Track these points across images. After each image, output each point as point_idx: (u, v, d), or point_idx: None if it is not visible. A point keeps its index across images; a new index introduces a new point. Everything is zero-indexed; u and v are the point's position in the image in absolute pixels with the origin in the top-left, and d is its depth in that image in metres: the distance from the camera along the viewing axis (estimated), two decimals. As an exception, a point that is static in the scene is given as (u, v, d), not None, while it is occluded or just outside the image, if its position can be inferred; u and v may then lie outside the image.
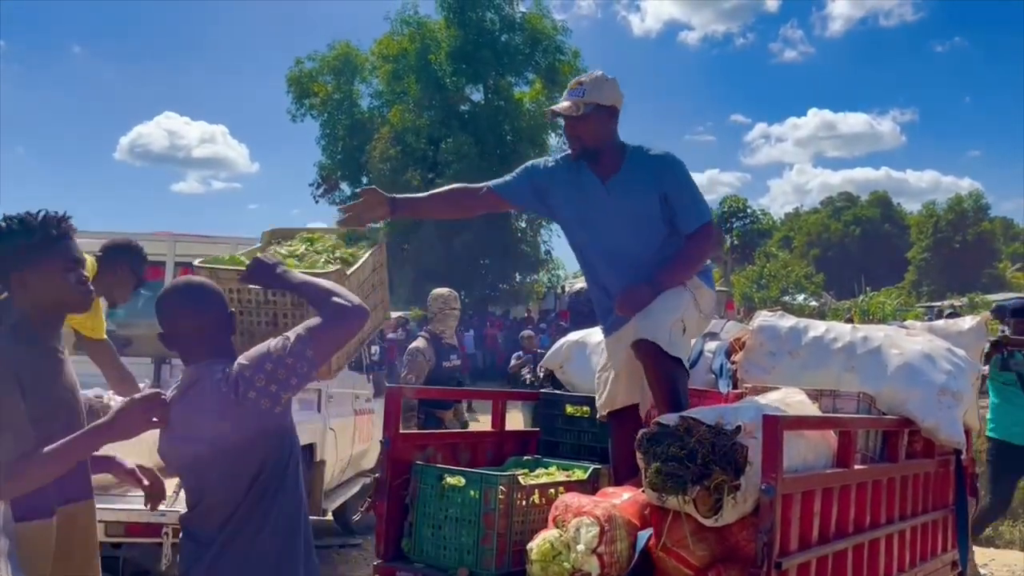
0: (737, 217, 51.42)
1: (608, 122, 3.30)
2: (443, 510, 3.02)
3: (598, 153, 3.30)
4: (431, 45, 25.91)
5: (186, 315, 2.17)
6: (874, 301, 26.98)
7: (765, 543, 2.43)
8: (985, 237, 49.53)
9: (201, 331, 2.16)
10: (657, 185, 3.27)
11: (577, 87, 3.30)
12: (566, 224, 3.47)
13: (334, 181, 28.66)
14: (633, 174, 3.29)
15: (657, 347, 3.11)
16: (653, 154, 3.34)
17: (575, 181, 3.36)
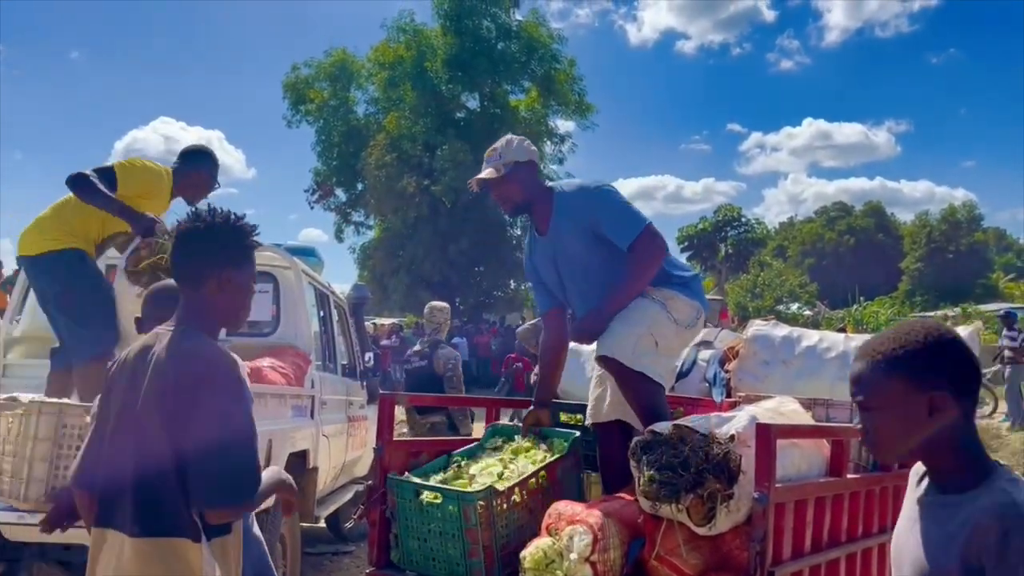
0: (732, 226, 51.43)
1: (530, 175, 3.44)
2: (425, 524, 3.02)
3: (530, 206, 3.47)
4: (427, 52, 25.94)
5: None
6: (868, 311, 27.03)
7: (758, 552, 2.43)
8: (978, 247, 49.74)
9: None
10: (585, 217, 3.33)
11: (492, 154, 3.48)
12: (550, 284, 3.57)
13: (329, 187, 28.64)
14: (562, 219, 3.40)
15: (619, 363, 3.13)
16: (572, 192, 3.42)
17: (536, 247, 3.56)
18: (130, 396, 2.00)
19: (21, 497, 3.35)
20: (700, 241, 52.37)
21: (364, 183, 26.90)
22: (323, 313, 6.07)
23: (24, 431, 3.32)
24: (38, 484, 3.38)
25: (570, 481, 3.30)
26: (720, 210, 52.68)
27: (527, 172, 3.43)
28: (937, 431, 1.46)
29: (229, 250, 2.08)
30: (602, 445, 3.49)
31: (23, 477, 3.34)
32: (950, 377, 1.46)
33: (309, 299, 5.61)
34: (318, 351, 5.67)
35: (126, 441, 1.99)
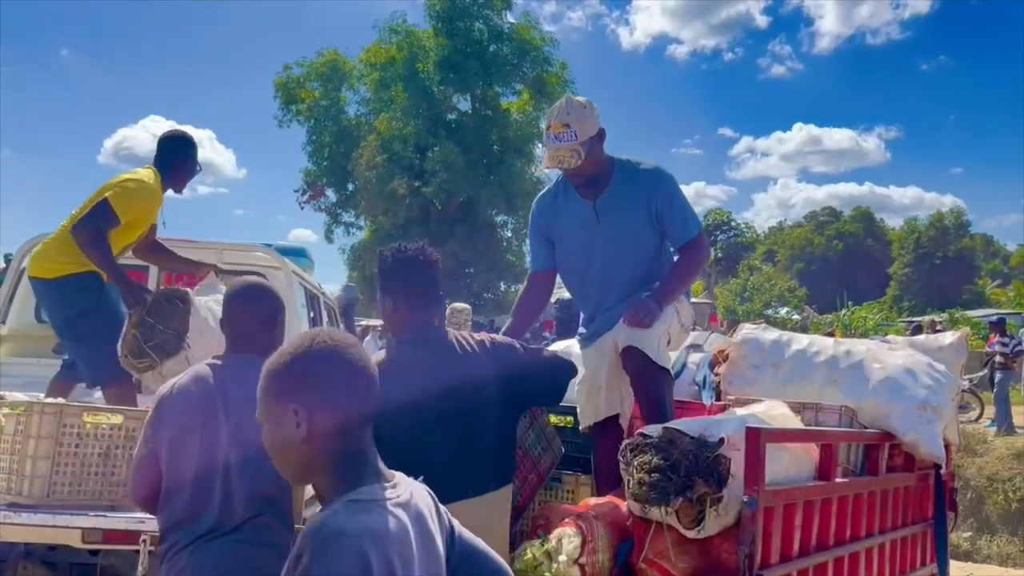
0: (721, 230, 51.70)
1: (600, 148, 3.27)
2: None
3: (597, 177, 3.30)
4: (419, 54, 25.93)
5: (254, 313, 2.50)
6: (856, 315, 27.17)
7: (746, 555, 2.44)
8: (966, 253, 50.05)
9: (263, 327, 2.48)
10: (646, 200, 3.28)
11: (564, 131, 3.19)
12: (562, 251, 3.45)
13: (320, 188, 28.59)
14: (621, 191, 3.29)
15: (647, 357, 3.12)
16: (642, 168, 3.33)
17: (566, 208, 3.38)
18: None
19: (24, 494, 3.37)
20: (690, 245, 52.51)
21: (355, 184, 26.86)
22: (313, 314, 6.05)
23: (26, 429, 3.34)
24: (40, 481, 3.39)
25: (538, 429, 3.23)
26: (710, 214, 52.93)
27: (598, 144, 3.25)
28: (312, 448, 1.40)
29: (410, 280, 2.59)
30: (597, 446, 3.44)
31: (26, 474, 3.36)
32: (308, 390, 1.40)
33: (299, 300, 5.59)
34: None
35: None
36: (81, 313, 3.94)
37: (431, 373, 2.39)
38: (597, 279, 3.39)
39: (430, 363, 2.41)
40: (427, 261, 2.58)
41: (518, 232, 26.90)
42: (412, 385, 2.33)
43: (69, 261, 3.91)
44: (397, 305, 2.54)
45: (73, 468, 3.47)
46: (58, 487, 3.45)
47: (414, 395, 2.32)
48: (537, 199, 3.61)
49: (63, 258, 3.93)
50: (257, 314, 2.49)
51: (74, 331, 3.98)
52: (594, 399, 3.42)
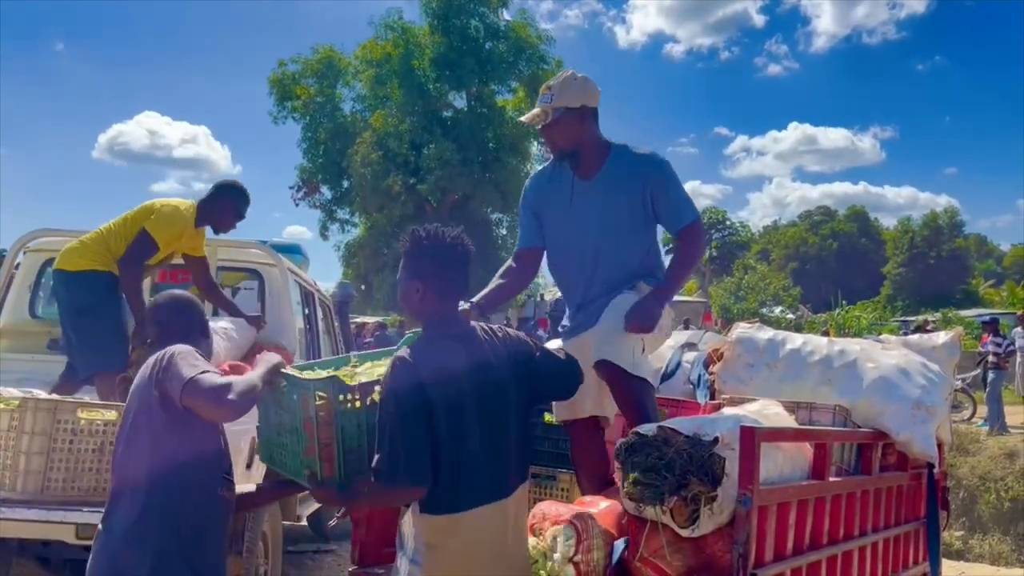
0: (716, 229, 51.72)
1: (580, 123, 3.25)
2: (279, 415, 2.69)
3: (577, 154, 3.29)
4: (415, 51, 25.90)
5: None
6: (850, 315, 27.22)
7: (740, 554, 2.44)
8: (959, 253, 50.17)
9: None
10: (642, 184, 3.25)
11: (546, 92, 3.28)
12: (553, 228, 3.42)
13: (315, 184, 28.53)
14: (617, 173, 3.27)
15: (621, 370, 3.06)
16: (638, 153, 3.31)
17: (559, 185, 3.36)
18: None
19: (18, 490, 3.37)
20: (685, 243, 52.55)
21: (350, 181, 26.84)
22: (308, 311, 6.04)
23: (20, 425, 3.34)
24: (34, 477, 3.39)
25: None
26: (705, 213, 52.93)
27: (577, 119, 3.24)
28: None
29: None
30: (577, 445, 3.41)
31: (19, 470, 3.36)
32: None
33: (294, 297, 5.59)
34: (303, 349, 5.65)
35: None
36: (89, 306, 4.26)
37: (469, 370, 2.33)
38: (585, 260, 3.34)
39: (467, 360, 2.34)
40: (467, 251, 2.47)
41: (513, 230, 26.88)
42: (455, 383, 2.28)
43: (95, 260, 4.31)
44: (427, 292, 2.41)
45: (67, 464, 3.47)
46: (52, 483, 3.45)
47: (458, 393, 2.28)
48: (532, 175, 3.60)
49: (91, 255, 4.32)
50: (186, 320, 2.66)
51: (77, 321, 4.28)
52: (579, 395, 3.35)
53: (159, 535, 2.32)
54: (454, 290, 2.44)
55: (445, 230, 2.44)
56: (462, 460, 2.28)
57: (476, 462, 2.30)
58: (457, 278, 2.45)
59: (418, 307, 2.42)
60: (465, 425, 2.29)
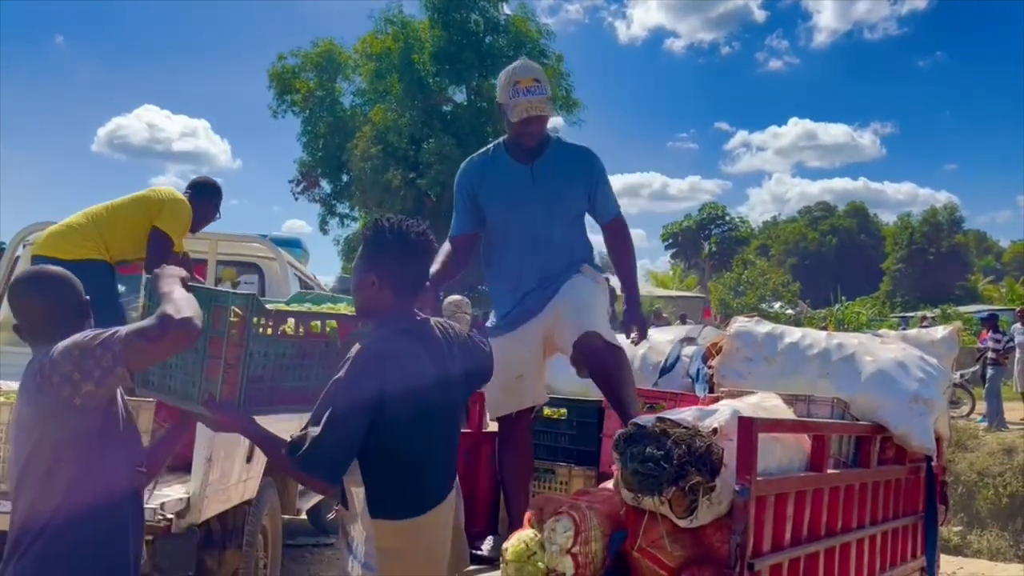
0: (716, 224, 51.73)
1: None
2: None
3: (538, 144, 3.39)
4: (415, 45, 25.82)
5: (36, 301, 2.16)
6: (849, 310, 27.23)
7: (738, 544, 2.46)
8: (959, 249, 50.18)
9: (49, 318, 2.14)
10: (584, 174, 3.41)
11: (535, 85, 3.31)
12: (492, 214, 3.42)
13: (314, 178, 28.49)
14: (558, 160, 3.39)
15: (604, 339, 3.19)
16: (577, 146, 3.49)
17: (499, 170, 3.41)
18: None
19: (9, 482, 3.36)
20: (684, 238, 52.60)
21: (349, 175, 26.77)
22: (307, 304, 6.04)
23: None
24: None
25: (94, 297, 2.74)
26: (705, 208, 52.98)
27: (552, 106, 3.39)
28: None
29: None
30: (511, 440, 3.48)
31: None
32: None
33: (294, 290, 5.58)
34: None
35: None
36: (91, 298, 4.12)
37: (429, 367, 2.23)
38: (525, 244, 3.37)
39: (426, 356, 2.25)
40: (430, 246, 2.33)
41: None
42: (415, 379, 2.18)
43: (93, 248, 4.16)
44: (383, 285, 2.23)
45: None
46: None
47: (416, 392, 2.17)
48: (466, 161, 3.60)
49: (88, 243, 4.16)
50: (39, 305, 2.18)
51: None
52: (514, 390, 3.39)
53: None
54: (412, 285, 2.29)
55: (410, 223, 2.30)
56: (419, 461, 2.20)
57: (432, 461, 2.24)
58: (417, 273, 2.30)
59: (372, 299, 2.27)
60: (422, 424, 2.19)
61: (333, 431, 2.04)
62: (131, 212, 4.33)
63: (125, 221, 4.29)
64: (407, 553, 2.16)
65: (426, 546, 2.20)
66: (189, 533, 3.46)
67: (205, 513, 3.57)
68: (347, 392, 2.07)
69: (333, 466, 2.09)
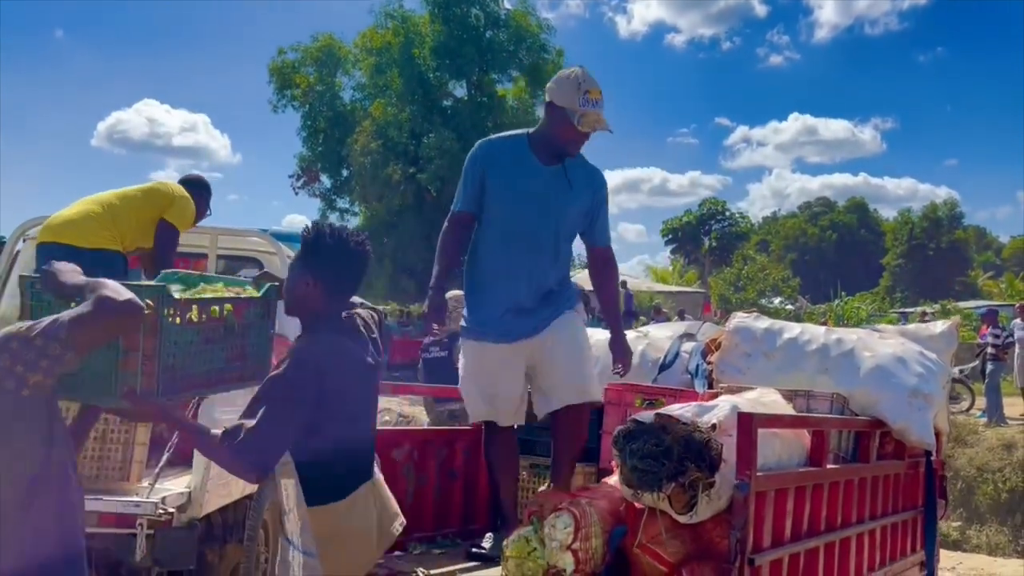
0: (716, 220, 51.66)
1: None
2: None
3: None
4: (415, 39, 25.77)
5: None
6: (849, 306, 27.23)
7: (738, 539, 2.46)
8: (959, 245, 50.14)
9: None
10: (595, 192, 3.42)
11: (601, 99, 3.29)
12: (500, 208, 3.36)
13: (314, 173, 28.46)
14: (575, 171, 3.38)
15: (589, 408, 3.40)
16: (589, 164, 3.47)
17: (521, 166, 3.36)
18: None
19: None
20: (684, 234, 52.52)
21: (349, 170, 26.74)
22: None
23: None
24: None
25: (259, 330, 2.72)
26: (705, 203, 52.88)
27: None
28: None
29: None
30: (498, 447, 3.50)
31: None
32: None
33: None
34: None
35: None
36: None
37: (357, 363, 2.40)
38: (529, 248, 3.33)
39: (354, 353, 2.40)
40: (368, 258, 2.45)
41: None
42: (348, 376, 2.35)
43: (109, 238, 4.07)
44: (317, 286, 2.36)
45: (68, 451, 3.47)
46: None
47: (348, 384, 2.34)
48: (487, 141, 3.52)
49: (105, 232, 4.08)
50: None
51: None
52: (491, 400, 3.41)
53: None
54: (345, 292, 2.44)
55: (350, 232, 2.42)
56: (349, 448, 2.34)
57: (359, 446, 2.39)
58: (351, 279, 2.44)
59: (304, 299, 2.37)
60: (352, 415, 2.36)
61: (268, 425, 2.16)
62: (141, 203, 4.29)
63: (136, 212, 4.25)
64: (342, 532, 2.29)
65: (358, 523, 2.34)
66: (190, 527, 3.48)
67: (206, 507, 3.59)
68: (284, 389, 2.21)
69: (264, 457, 2.20)
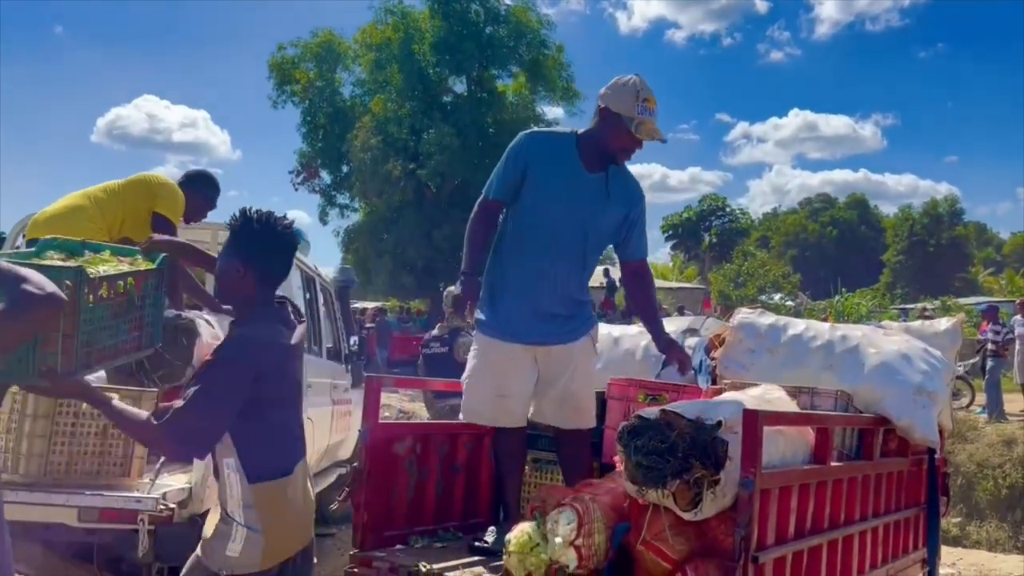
0: (716, 216, 51.67)
1: None
2: None
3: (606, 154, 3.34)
4: (415, 35, 25.72)
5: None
6: (849, 302, 27.22)
7: (743, 537, 2.45)
8: (959, 241, 50.15)
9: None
10: (630, 204, 3.39)
11: (656, 109, 3.29)
12: (540, 208, 3.30)
13: (314, 169, 28.42)
14: (616, 181, 3.35)
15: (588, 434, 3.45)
16: (631, 175, 3.45)
17: (565, 167, 3.31)
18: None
19: (20, 473, 3.37)
20: (684, 230, 52.52)
21: (349, 166, 26.70)
22: (309, 295, 6.03)
23: (22, 408, 3.34)
24: (37, 460, 3.39)
25: (154, 301, 2.86)
26: (705, 199, 52.89)
27: None
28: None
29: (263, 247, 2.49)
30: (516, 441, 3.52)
31: (22, 453, 3.36)
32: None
33: (295, 281, 5.57)
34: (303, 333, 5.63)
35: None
36: None
37: (289, 348, 2.41)
38: (562, 253, 3.30)
39: (287, 338, 2.41)
40: (295, 243, 2.48)
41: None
42: (282, 361, 2.38)
43: (96, 230, 3.98)
44: (247, 274, 2.36)
45: (70, 447, 3.48)
46: (54, 466, 3.46)
47: (284, 369, 2.39)
48: (534, 134, 3.45)
49: (91, 225, 4.01)
50: None
51: None
52: (502, 403, 3.39)
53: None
54: (275, 277, 2.44)
55: (277, 217, 2.41)
56: (285, 429, 2.42)
57: (292, 426, 2.46)
58: (281, 265, 2.45)
59: (234, 287, 2.39)
60: (286, 397, 2.42)
61: (197, 407, 2.21)
62: (126, 194, 4.24)
63: (122, 203, 4.21)
64: (282, 508, 2.35)
65: (293, 500, 2.39)
66: (192, 523, 3.47)
67: (207, 503, 3.57)
68: (219, 374, 2.25)
69: (195, 439, 2.26)
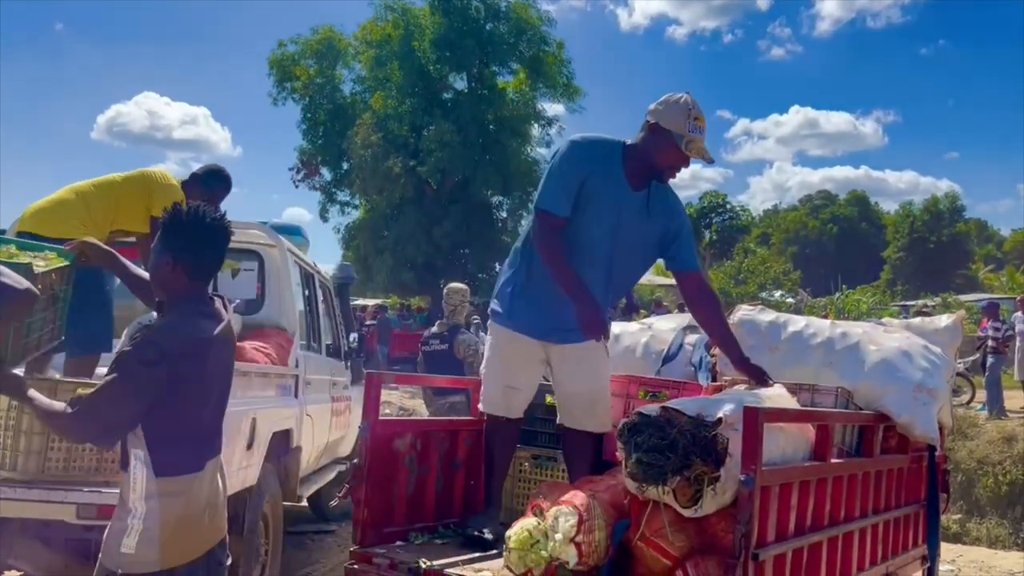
0: (717, 213, 51.59)
1: None
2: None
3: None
4: (415, 32, 25.69)
5: None
6: (850, 299, 27.21)
7: (743, 534, 2.44)
8: (960, 238, 50.12)
9: None
10: (669, 217, 3.36)
11: (705, 126, 3.28)
12: (588, 222, 3.25)
13: (314, 166, 28.40)
14: (657, 197, 3.34)
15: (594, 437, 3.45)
16: (673, 193, 3.44)
17: (610, 174, 3.28)
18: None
19: (18, 469, 3.36)
20: (685, 227, 52.44)
21: (350, 162, 26.68)
22: (308, 292, 6.03)
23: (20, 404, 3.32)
24: (35, 457, 3.39)
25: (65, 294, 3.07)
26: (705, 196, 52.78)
27: None
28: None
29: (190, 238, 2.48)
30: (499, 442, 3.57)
31: (20, 450, 3.35)
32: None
33: (295, 278, 5.57)
34: (303, 330, 5.64)
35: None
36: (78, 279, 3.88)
37: (215, 343, 2.38)
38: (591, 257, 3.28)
39: (212, 333, 2.38)
40: (226, 234, 2.46)
41: (513, 212, 26.76)
42: (203, 356, 2.34)
43: (79, 225, 3.94)
44: (178, 267, 2.36)
45: (67, 443, 3.47)
46: (52, 462, 3.45)
47: (203, 365, 2.34)
48: (587, 142, 3.33)
49: (74, 220, 3.97)
50: None
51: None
52: (508, 395, 3.49)
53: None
54: (206, 270, 2.44)
55: (208, 210, 2.42)
56: (200, 424, 2.39)
57: (210, 426, 2.44)
58: (211, 259, 2.45)
59: (165, 280, 2.40)
60: (206, 394, 2.39)
61: (106, 395, 2.21)
62: (128, 191, 4.20)
63: (115, 198, 4.16)
64: (187, 505, 2.31)
65: (202, 497, 2.36)
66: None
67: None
68: (131, 364, 2.23)
69: (98, 426, 2.26)
